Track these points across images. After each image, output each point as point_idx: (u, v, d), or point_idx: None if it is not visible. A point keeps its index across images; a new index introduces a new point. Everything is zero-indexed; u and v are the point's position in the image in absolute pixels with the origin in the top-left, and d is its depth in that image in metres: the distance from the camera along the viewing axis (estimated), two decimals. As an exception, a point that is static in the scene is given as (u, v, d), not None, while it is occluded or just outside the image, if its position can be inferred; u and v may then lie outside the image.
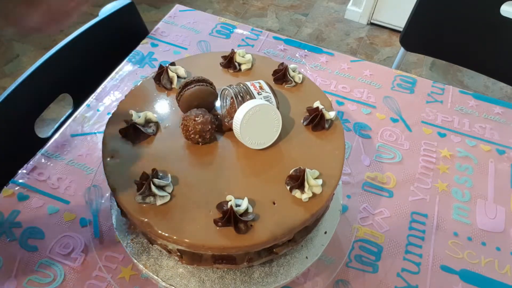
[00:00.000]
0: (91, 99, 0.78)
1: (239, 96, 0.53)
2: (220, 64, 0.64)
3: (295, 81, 0.62)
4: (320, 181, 0.49)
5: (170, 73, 0.60)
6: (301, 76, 0.62)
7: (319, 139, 0.56)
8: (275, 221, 0.47)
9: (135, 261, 0.54)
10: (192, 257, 0.49)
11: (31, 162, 0.68)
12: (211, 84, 0.56)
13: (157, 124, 0.55)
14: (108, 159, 0.52)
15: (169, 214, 0.47)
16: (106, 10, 0.86)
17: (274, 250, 0.50)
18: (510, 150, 0.77)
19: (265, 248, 0.48)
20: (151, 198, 0.47)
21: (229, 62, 0.63)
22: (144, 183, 0.47)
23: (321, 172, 0.51)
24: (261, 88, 0.54)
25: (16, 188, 0.65)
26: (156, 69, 0.61)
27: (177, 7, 0.99)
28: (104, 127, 0.55)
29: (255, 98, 0.53)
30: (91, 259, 0.59)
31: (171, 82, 0.60)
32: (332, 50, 0.92)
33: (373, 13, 2.12)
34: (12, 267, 0.57)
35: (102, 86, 0.80)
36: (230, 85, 0.55)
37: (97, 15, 0.86)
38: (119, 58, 0.85)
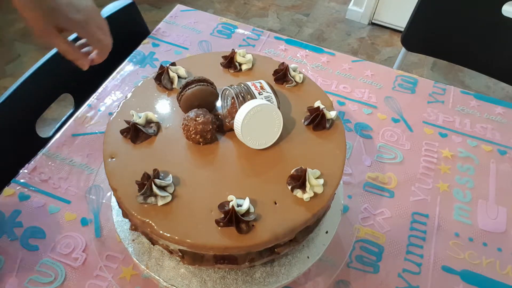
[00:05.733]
0: (92, 99, 0.78)
1: (240, 96, 0.53)
2: (221, 64, 0.64)
3: (295, 81, 0.62)
4: (321, 181, 0.49)
5: (171, 73, 0.60)
6: (301, 76, 0.62)
7: (320, 139, 0.56)
8: (277, 221, 0.47)
9: (137, 261, 0.54)
10: (194, 257, 0.49)
11: (32, 162, 0.68)
12: (212, 84, 0.56)
13: (158, 125, 0.55)
14: (109, 159, 0.52)
15: (171, 215, 0.47)
16: (108, 10, 0.86)
17: (276, 250, 0.50)
18: (511, 150, 0.76)
19: (267, 248, 0.48)
20: (153, 199, 0.47)
21: (229, 62, 0.63)
22: (146, 183, 0.47)
23: (322, 172, 0.51)
24: (262, 88, 0.54)
25: (17, 188, 0.65)
26: (157, 69, 0.61)
27: (178, 7, 0.99)
28: (105, 127, 0.55)
29: (256, 98, 0.53)
30: (92, 259, 0.59)
31: (172, 82, 0.60)
32: (333, 50, 0.92)
33: (374, 13, 2.12)
34: (14, 266, 0.57)
35: (103, 86, 0.80)
36: (231, 85, 0.55)
37: (98, 15, 0.86)
38: (120, 58, 0.85)
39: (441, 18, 1.09)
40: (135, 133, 0.53)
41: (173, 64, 0.62)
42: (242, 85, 0.54)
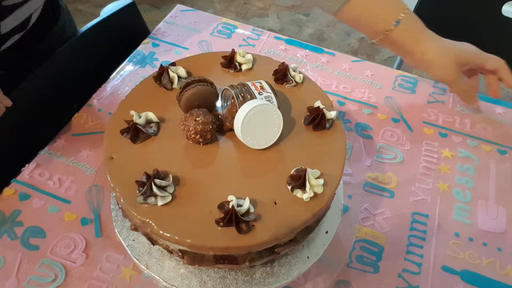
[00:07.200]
0: (92, 99, 0.78)
1: (240, 96, 0.53)
2: (221, 64, 0.64)
3: (295, 81, 0.62)
4: (321, 181, 0.49)
5: (171, 73, 0.60)
6: (301, 76, 0.62)
7: (320, 139, 0.56)
8: (277, 221, 0.47)
9: (137, 261, 0.54)
10: (194, 257, 0.49)
11: (32, 162, 0.68)
12: (211, 84, 0.56)
13: (158, 125, 0.55)
14: (109, 159, 0.52)
15: (171, 215, 0.47)
16: (108, 10, 0.86)
17: (276, 250, 0.50)
18: (511, 150, 0.76)
19: (267, 248, 0.48)
20: (153, 199, 0.47)
21: (229, 62, 0.63)
22: (146, 183, 0.47)
23: (322, 172, 0.51)
24: (262, 88, 0.54)
25: (18, 188, 0.65)
26: (157, 69, 0.61)
27: (178, 7, 0.99)
28: (105, 127, 0.55)
29: (256, 98, 0.53)
30: (92, 259, 0.59)
31: (172, 82, 0.60)
32: (333, 50, 0.92)
33: (374, 13, 2.11)
34: (13, 266, 0.57)
35: (103, 86, 0.80)
36: (231, 85, 0.55)
37: (98, 15, 0.86)
38: (120, 58, 0.85)
39: (441, 18, 1.09)
40: (135, 133, 0.53)
41: (173, 64, 0.62)
42: (242, 85, 0.54)
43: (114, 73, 0.83)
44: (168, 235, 0.46)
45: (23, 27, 0.67)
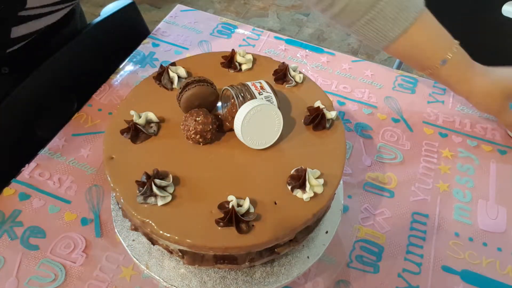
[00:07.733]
0: (92, 99, 0.78)
1: (240, 96, 0.53)
2: (221, 64, 0.64)
3: (295, 81, 0.62)
4: (321, 181, 0.49)
5: (171, 73, 0.60)
6: (301, 76, 0.62)
7: (320, 139, 0.56)
8: (277, 221, 0.47)
9: (137, 261, 0.54)
10: (194, 257, 0.49)
11: (32, 162, 0.68)
12: (211, 84, 0.56)
13: (158, 125, 0.55)
14: (109, 159, 0.52)
15: (171, 215, 0.47)
16: (108, 10, 0.87)
17: (276, 250, 0.50)
18: (511, 150, 0.76)
19: (267, 248, 0.48)
20: (153, 199, 0.47)
21: (229, 62, 0.63)
22: (146, 183, 0.47)
23: (322, 172, 0.51)
24: (262, 88, 0.54)
25: (17, 188, 0.65)
26: (157, 69, 0.61)
27: (178, 7, 0.99)
28: (105, 127, 0.56)
29: (256, 98, 0.53)
30: (92, 259, 0.59)
31: (172, 82, 0.60)
32: (333, 50, 0.92)
33: (374, 13, 2.11)
34: (13, 266, 0.57)
35: (103, 86, 0.80)
36: (231, 85, 0.55)
37: (98, 15, 0.86)
38: (120, 58, 0.85)
39: (441, 18, 1.08)
40: (135, 133, 0.53)
41: (173, 64, 0.62)
42: (242, 85, 0.54)
43: (114, 73, 0.83)
44: (168, 235, 0.46)
45: (33, 34, 0.68)
